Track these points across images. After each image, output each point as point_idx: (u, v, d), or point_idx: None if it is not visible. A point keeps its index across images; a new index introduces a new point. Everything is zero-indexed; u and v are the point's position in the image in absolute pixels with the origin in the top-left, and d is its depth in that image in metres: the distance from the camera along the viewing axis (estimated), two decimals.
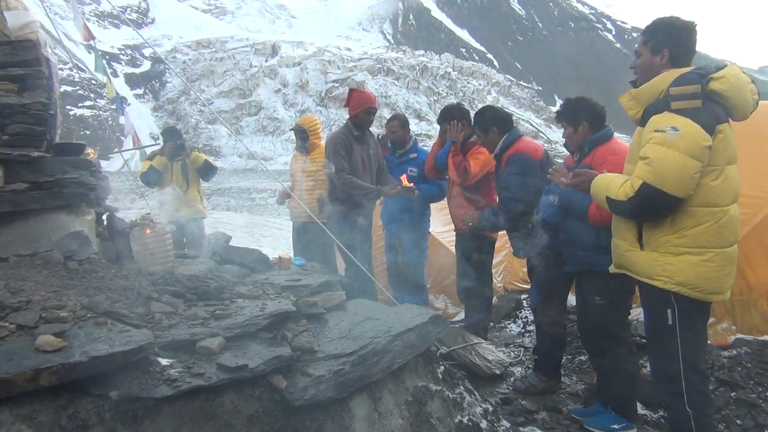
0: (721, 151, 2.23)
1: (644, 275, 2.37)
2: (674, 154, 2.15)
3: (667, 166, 2.15)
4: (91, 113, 51.78)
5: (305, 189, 5.03)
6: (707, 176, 2.22)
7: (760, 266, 3.66)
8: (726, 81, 2.22)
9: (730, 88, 2.23)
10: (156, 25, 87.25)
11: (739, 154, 4.00)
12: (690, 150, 2.14)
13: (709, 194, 2.23)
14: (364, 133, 4.48)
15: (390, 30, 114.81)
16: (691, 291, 2.28)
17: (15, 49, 2.75)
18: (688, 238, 2.26)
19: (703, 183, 2.22)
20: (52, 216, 2.64)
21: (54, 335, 1.80)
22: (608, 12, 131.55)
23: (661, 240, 2.31)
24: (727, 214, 2.27)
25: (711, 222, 2.24)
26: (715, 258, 2.27)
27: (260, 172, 45.45)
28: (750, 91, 2.29)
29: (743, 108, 2.30)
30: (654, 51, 2.38)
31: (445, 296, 5.40)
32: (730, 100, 2.25)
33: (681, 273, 2.27)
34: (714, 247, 2.26)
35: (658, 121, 2.23)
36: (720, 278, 2.30)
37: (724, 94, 2.23)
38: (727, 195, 2.27)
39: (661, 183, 2.16)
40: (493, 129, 3.71)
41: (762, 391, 3.21)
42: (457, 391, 2.82)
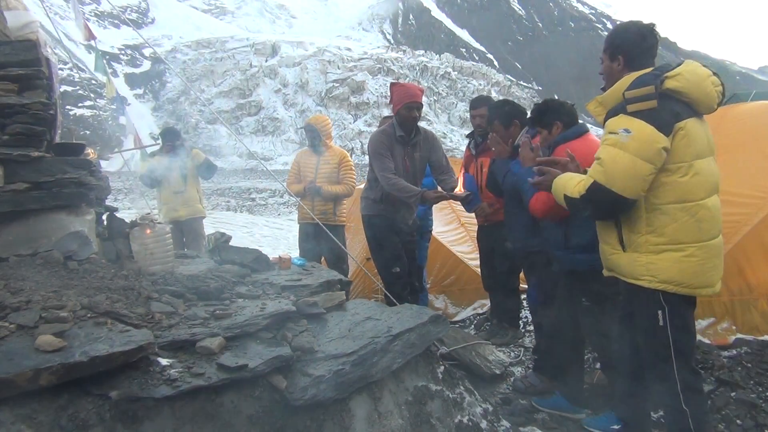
0: (684, 147, 2.24)
1: (629, 276, 2.38)
2: (624, 156, 2.19)
3: (617, 167, 2.20)
4: (91, 113, 51.77)
5: None
6: (675, 174, 2.24)
7: (760, 266, 3.66)
8: (682, 78, 2.24)
9: (686, 84, 2.25)
10: (156, 25, 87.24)
11: (740, 154, 4.05)
12: (640, 152, 2.18)
13: (679, 191, 2.25)
14: (408, 133, 4.00)
15: (390, 30, 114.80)
16: (677, 287, 2.28)
17: (15, 49, 2.75)
18: (666, 236, 2.27)
19: (671, 180, 2.25)
20: (52, 216, 2.64)
21: (54, 335, 1.80)
22: (608, 12, 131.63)
23: (640, 240, 2.32)
24: (703, 207, 2.27)
25: (687, 217, 2.25)
26: (697, 252, 2.27)
27: (260, 172, 45.45)
28: (712, 84, 2.29)
29: (707, 101, 2.30)
30: (611, 58, 2.45)
31: (445, 296, 5.40)
32: (690, 95, 2.26)
33: (664, 271, 2.28)
34: (694, 242, 2.27)
35: (613, 123, 2.28)
36: (706, 272, 2.30)
37: (681, 90, 2.25)
38: (700, 189, 2.27)
39: (611, 183, 2.21)
40: (515, 122, 3.61)
41: (762, 391, 3.21)
42: (457, 391, 2.82)
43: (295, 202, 5.50)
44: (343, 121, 66.36)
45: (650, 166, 2.20)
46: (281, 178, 6.05)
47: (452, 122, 70.33)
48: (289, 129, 65.07)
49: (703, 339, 3.63)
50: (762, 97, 7.00)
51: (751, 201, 3.74)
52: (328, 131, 5.18)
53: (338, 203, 5.13)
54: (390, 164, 3.89)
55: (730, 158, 4.07)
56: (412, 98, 3.90)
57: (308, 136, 5.23)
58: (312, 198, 5.05)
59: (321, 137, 5.10)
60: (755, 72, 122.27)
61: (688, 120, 2.26)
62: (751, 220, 3.66)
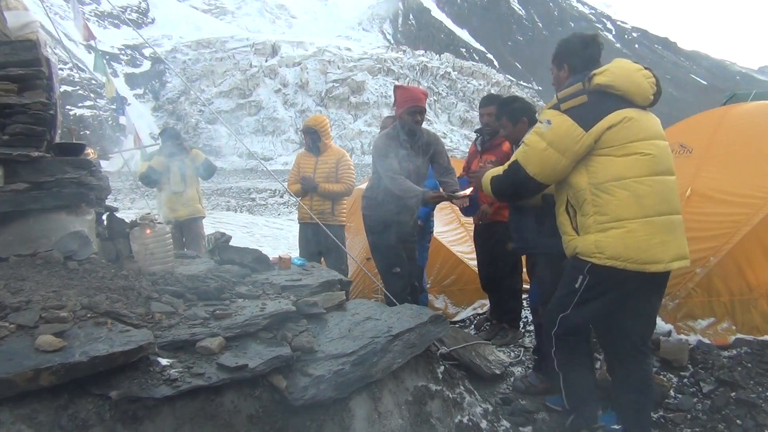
0: (617, 133, 2.38)
1: (584, 255, 2.50)
2: (541, 143, 2.45)
3: (533, 151, 2.48)
4: (91, 113, 51.82)
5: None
6: (610, 154, 2.40)
7: (760, 266, 3.66)
8: (609, 72, 2.42)
9: (614, 78, 2.41)
10: (156, 25, 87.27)
11: (740, 154, 4.06)
12: (554, 143, 2.41)
13: (614, 169, 2.39)
14: (412, 137, 3.97)
15: (390, 30, 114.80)
16: (625, 263, 2.37)
17: (15, 49, 2.74)
18: (609, 214, 2.40)
19: (607, 160, 2.40)
20: (52, 216, 2.64)
21: (54, 335, 1.80)
22: (608, 12, 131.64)
23: (589, 221, 2.45)
24: (643, 184, 2.38)
25: (625, 193, 2.37)
26: (640, 228, 2.36)
27: (260, 172, 45.48)
28: (643, 76, 2.45)
29: (639, 92, 2.44)
30: (558, 67, 2.68)
31: (445, 296, 5.39)
32: (620, 88, 2.41)
33: (610, 247, 2.38)
34: (635, 218, 2.37)
35: (542, 115, 2.52)
36: (652, 247, 2.37)
37: (611, 84, 2.41)
38: (637, 167, 2.38)
39: (525, 164, 2.49)
40: (523, 120, 3.59)
41: (762, 391, 3.21)
42: (457, 391, 2.82)
43: (295, 202, 5.51)
44: (343, 121, 66.38)
45: (560, 156, 2.42)
46: (281, 178, 6.06)
47: (452, 122, 70.36)
48: (289, 129, 65.09)
49: (703, 339, 3.63)
50: (762, 97, 6.99)
51: (751, 201, 3.74)
52: (327, 131, 5.18)
53: (337, 203, 5.13)
54: (395, 165, 3.89)
55: (730, 158, 4.08)
56: (414, 102, 3.88)
57: (307, 138, 5.22)
58: (308, 194, 5.05)
59: (320, 138, 5.10)
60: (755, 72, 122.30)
61: (620, 111, 2.40)
62: (751, 220, 3.66)
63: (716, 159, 4.11)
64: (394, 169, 3.86)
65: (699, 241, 3.75)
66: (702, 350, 3.55)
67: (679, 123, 5.15)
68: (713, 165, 4.08)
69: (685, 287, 3.69)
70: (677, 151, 4.41)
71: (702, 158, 4.17)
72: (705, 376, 3.38)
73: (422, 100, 3.93)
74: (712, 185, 3.94)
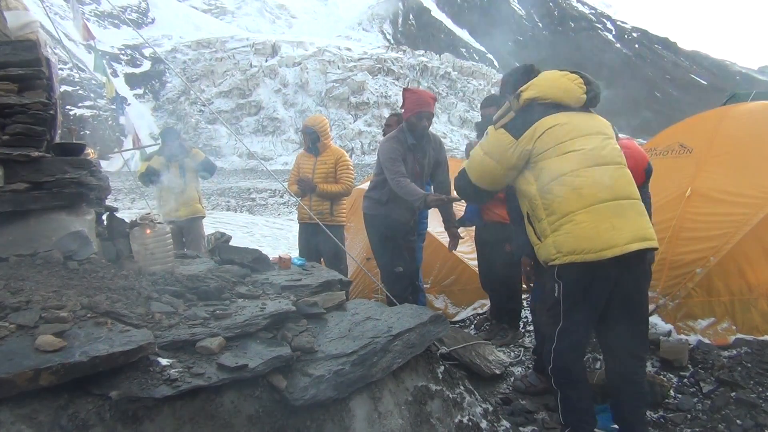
0: (548, 137, 2.50)
1: (548, 260, 2.55)
2: (479, 153, 2.68)
3: (474, 159, 2.72)
4: (91, 113, 51.84)
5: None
6: (545, 159, 2.50)
7: (760, 266, 3.66)
8: (534, 86, 2.57)
9: (540, 89, 2.55)
10: (156, 25, 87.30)
11: (740, 154, 4.06)
12: (489, 151, 2.62)
13: (552, 169, 2.48)
14: (419, 140, 4.06)
15: (390, 30, 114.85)
16: (581, 256, 2.39)
17: (15, 49, 2.74)
18: (557, 212, 2.46)
19: (545, 164, 2.50)
20: (52, 216, 2.64)
21: (54, 335, 1.80)
22: (608, 12, 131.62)
23: (544, 225, 2.52)
24: (579, 177, 2.44)
25: (565, 189, 2.44)
26: (586, 218, 2.40)
27: (260, 172, 45.49)
28: (569, 80, 2.57)
29: (569, 95, 2.56)
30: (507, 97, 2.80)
31: (445, 296, 5.39)
32: (547, 96, 2.54)
33: (565, 244, 2.43)
34: (579, 209, 2.42)
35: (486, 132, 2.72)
36: (602, 233, 2.38)
37: (537, 96, 2.54)
38: (570, 163, 2.46)
39: (469, 171, 2.74)
40: None
41: (762, 391, 3.21)
42: (457, 391, 2.82)
43: (295, 202, 5.51)
44: (343, 121, 66.39)
45: (495, 164, 2.61)
46: (281, 178, 6.05)
47: (452, 122, 70.38)
48: (289, 129, 65.11)
49: (703, 339, 3.63)
50: (762, 97, 7.00)
51: (751, 201, 3.74)
52: (326, 131, 5.18)
53: (336, 203, 5.12)
54: (401, 168, 3.96)
55: (730, 158, 4.09)
56: (423, 107, 3.94)
57: (306, 138, 5.22)
58: (306, 194, 5.05)
59: (319, 138, 5.10)
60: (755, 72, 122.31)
61: (546, 117, 2.52)
62: (751, 220, 3.66)
63: (716, 159, 4.12)
64: (400, 171, 3.93)
65: (699, 241, 3.75)
66: (702, 350, 3.55)
67: (679, 123, 5.16)
68: (713, 165, 4.09)
69: (685, 287, 3.69)
70: (677, 151, 4.41)
71: (702, 158, 4.17)
72: (705, 376, 3.38)
73: (431, 105, 4.00)
74: (712, 185, 3.95)
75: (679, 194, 3.97)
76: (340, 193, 5.09)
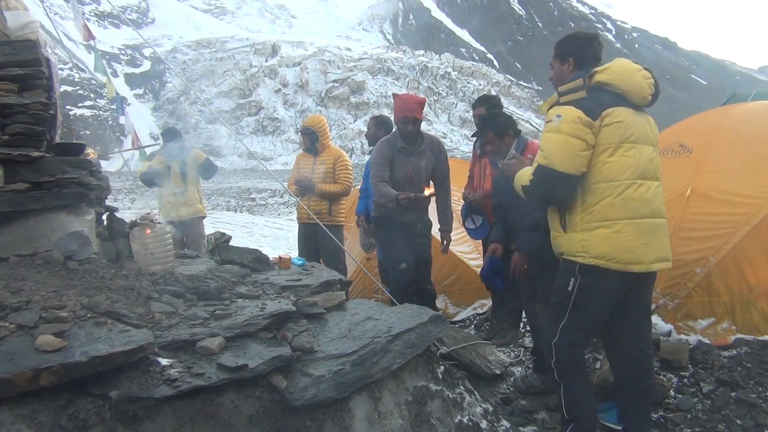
0: (612, 131, 2.43)
1: (569, 255, 2.55)
2: (559, 137, 2.44)
3: (554, 147, 2.45)
4: (91, 113, 51.82)
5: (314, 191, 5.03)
6: (602, 154, 2.44)
7: (760, 266, 3.65)
8: (610, 71, 2.48)
9: (615, 77, 2.47)
10: (156, 25, 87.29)
11: (739, 154, 4.05)
12: (571, 131, 2.41)
13: (605, 170, 2.44)
14: (411, 143, 4.06)
15: (390, 30, 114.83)
16: (609, 262, 2.42)
17: (15, 49, 2.74)
18: (595, 213, 2.45)
19: (599, 161, 2.44)
20: (52, 216, 2.64)
21: (54, 335, 1.80)
22: (608, 12, 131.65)
23: (576, 219, 2.50)
24: (629, 187, 2.43)
25: (612, 195, 2.43)
26: (625, 229, 2.42)
27: (260, 172, 45.50)
28: (642, 77, 2.51)
29: (638, 92, 2.50)
30: (562, 61, 2.69)
31: (445, 296, 5.40)
32: (619, 86, 2.48)
33: (596, 246, 2.43)
34: (621, 219, 2.42)
35: (549, 114, 2.54)
36: (636, 248, 2.43)
37: (611, 82, 2.47)
38: (626, 170, 2.44)
39: (552, 163, 2.45)
40: (509, 132, 3.68)
41: (762, 391, 3.21)
42: (457, 391, 2.82)
43: (295, 202, 5.52)
44: (343, 121, 66.39)
45: (581, 142, 2.41)
46: (281, 178, 6.06)
47: (452, 122, 70.37)
48: (289, 129, 65.09)
49: (703, 339, 3.63)
50: (762, 97, 7.00)
51: (751, 201, 3.74)
52: (325, 131, 5.19)
53: (334, 203, 5.12)
54: (384, 173, 4.00)
55: (730, 158, 4.08)
56: (407, 113, 3.97)
57: (305, 138, 5.22)
58: (305, 194, 5.06)
59: (318, 138, 5.10)
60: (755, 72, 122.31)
61: (616, 108, 2.45)
62: (751, 220, 3.65)
63: (716, 159, 4.11)
64: (380, 176, 4.01)
65: (699, 241, 3.75)
66: (702, 350, 3.54)
67: (679, 123, 5.15)
68: (713, 165, 4.08)
69: (685, 287, 3.69)
70: (677, 151, 4.41)
71: (702, 158, 4.17)
72: (705, 376, 3.38)
73: (416, 110, 4.00)
74: (712, 185, 3.94)
75: (679, 194, 3.96)
76: (339, 193, 5.09)
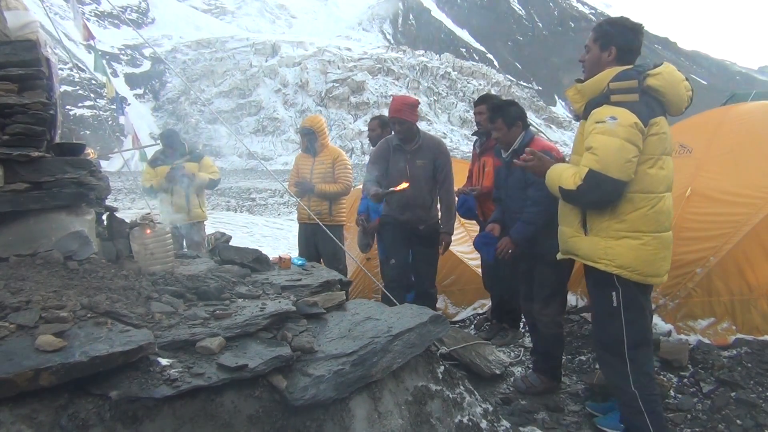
0: (656, 142, 2.38)
1: (588, 259, 2.49)
2: (615, 141, 2.30)
3: (610, 152, 2.30)
4: (91, 113, 51.82)
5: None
6: (644, 164, 2.37)
7: (760, 266, 3.66)
8: (661, 77, 2.38)
9: (665, 84, 2.39)
10: (156, 25, 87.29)
11: (739, 154, 4.05)
12: (628, 136, 2.30)
13: (645, 181, 2.38)
14: (405, 142, 4.12)
15: (390, 30, 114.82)
16: (630, 273, 2.40)
17: (15, 49, 2.74)
18: (627, 223, 2.40)
19: (640, 170, 2.37)
20: (52, 216, 2.64)
21: (54, 335, 1.80)
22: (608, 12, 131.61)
23: (602, 225, 2.44)
24: (662, 200, 2.41)
25: (647, 207, 2.39)
26: (652, 242, 2.40)
27: (260, 172, 45.51)
28: (684, 88, 2.45)
29: (678, 103, 2.45)
30: (603, 47, 2.51)
31: (445, 296, 5.40)
32: (666, 95, 2.41)
33: (621, 256, 2.40)
34: (651, 232, 2.40)
35: (599, 113, 2.38)
36: (656, 261, 2.43)
37: (659, 89, 2.39)
38: (662, 183, 2.42)
39: (606, 169, 2.30)
40: (518, 124, 3.62)
41: (762, 391, 3.21)
42: (457, 391, 2.81)
43: (295, 202, 5.51)
44: (343, 121, 66.38)
45: (635, 149, 2.32)
46: (281, 178, 6.05)
47: (452, 122, 70.36)
48: (289, 129, 65.09)
49: (703, 339, 3.63)
50: (762, 97, 6.99)
51: (751, 201, 3.74)
52: (324, 131, 5.19)
53: (335, 203, 5.12)
54: (373, 171, 4.17)
55: (730, 158, 4.08)
56: (391, 113, 4.09)
57: (304, 138, 5.22)
58: (304, 195, 5.05)
59: (317, 138, 5.10)
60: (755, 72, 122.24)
61: (661, 118, 2.40)
62: (751, 220, 3.66)
63: (716, 159, 4.11)
64: (368, 174, 4.19)
65: (699, 241, 3.75)
66: (702, 350, 3.54)
67: (679, 123, 5.14)
68: (713, 165, 4.08)
69: (685, 287, 3.69)
70: (677, 151, 4.41)
71: (702, 158, 4.17)
72: (705, 376, 3.38)
73: (401, 111, 4.06)
74: (712, 185, 3.94)
75: (679, 194, 3.96)
76: (339, 193, 5.09)
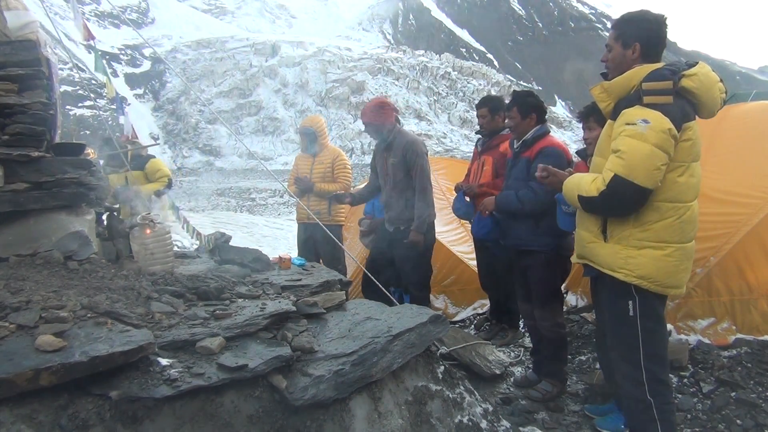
0: (688, 148, 2.25)
1: (606, 267, 2.39)
2: (645, 146, 2.16)
3: (638, 157, 2.16)
4: (91, 113, 51.76)
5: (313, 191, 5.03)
6: (673, 172, 2.24)
7: (760, 266, 3.66)
8: (697, 79, 2.25)
9: (700, 86, 2.25)
10: (156, 25, 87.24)
11: (740, 154, 4.05)
12: (659, 142, 2.16)
13: (674, 189, 2.26)
14: (381, 142, 4.25)
15: (390, 30, 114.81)
16: (650, 284, 2.30)
17: (15, 49, 2.75)
18: (651, 232, 2.29)
19: (668, 178, 2.24)
20: (52, 216, 2.64)
21: (54, 335, 1.80)
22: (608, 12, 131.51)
23: (624, 233, 2.32)
24: (689, 210, 2.30)
25: (674, 217, 2.27)
26: (675, 253, 2.30)
27: (260, 172, 45.48)
28: (718, 90, 2.31)
29: (711, 106, 2.32)
30: (625, 45, 2.37)
31: (445, 296, 5.40)
32: (700, 97, 2.27)
33: (642, 266, 2.29)
34: (675, 242, 2.29)
35: (630, 114, 2.24)
36: (678, 273, 2.33)
37: (694, 91, 2.25)
38: (690, 191, 2.30)
39: (632, 175, 2.17)
40: (533, 115, 3.59)
41: (762, 391, 3.21)
42: (457, 391, 2.81)
43: (295, 202, 5.50)
44: (343, 121, 66.34)
45: (665, 156, 2.18)
46: (281, 178, 6.04)
47: (452, 122, 70.30)
48: (289, 129, 65.03)
49: (703, 339, 3.63)
50: (762, 97, 7.00)
51: (751, 201, 3.74)
52: (323, 131, 5.19)
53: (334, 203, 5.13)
54: (372, 175, 4.47)
55: (730, 158, 4.08)
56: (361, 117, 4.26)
57: (304, 138, 5.23)
58: (304, 194, 5.06)
59: (317, 138, 5.11)
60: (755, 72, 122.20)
61: (694, 123, 2.27)
62: (751, 220, 3.66)
63: (716, 159, 4.11)
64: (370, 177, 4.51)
65: (699, 241, 3.71)
66: (702, 350, 3.55)
67: None
68: (713, 165, 4.07)
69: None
70: None
71: (702, 158, 4.15)
72: (705, 376, 3.38)
73: (364, 114, 4.20)
74: (712, 185, 3.94)
75: None
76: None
